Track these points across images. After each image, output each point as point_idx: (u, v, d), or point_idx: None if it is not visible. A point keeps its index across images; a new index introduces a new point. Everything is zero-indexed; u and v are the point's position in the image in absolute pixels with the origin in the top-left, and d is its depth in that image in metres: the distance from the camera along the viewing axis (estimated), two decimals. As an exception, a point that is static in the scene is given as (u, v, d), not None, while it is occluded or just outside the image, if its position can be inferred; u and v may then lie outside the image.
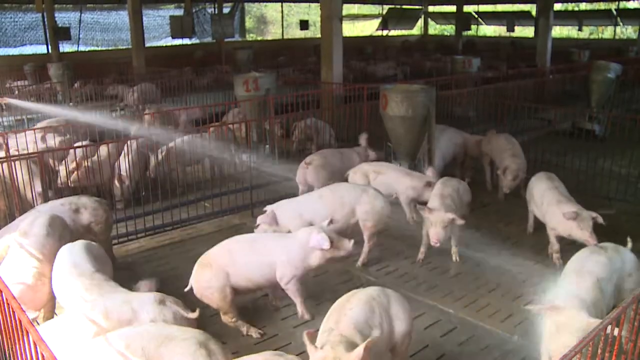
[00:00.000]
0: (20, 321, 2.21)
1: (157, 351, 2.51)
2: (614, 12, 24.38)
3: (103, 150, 6.27)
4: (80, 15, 20.38)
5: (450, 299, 4.20)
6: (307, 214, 4.50)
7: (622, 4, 24.53)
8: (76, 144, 6.38)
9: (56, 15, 18.64)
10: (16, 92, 11.88)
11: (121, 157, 6.17)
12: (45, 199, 5.04)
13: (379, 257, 4.96)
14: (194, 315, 3.01)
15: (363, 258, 4.77)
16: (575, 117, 9.37)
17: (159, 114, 8.47)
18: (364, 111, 7.36)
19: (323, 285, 4.43)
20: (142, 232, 5.43)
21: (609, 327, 2.32)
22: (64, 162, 6.00)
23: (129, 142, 5.99)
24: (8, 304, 2.34)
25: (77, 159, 5.94)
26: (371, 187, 4.85)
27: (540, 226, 5.58)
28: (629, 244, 3.59)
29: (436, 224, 4.31)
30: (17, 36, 19.95)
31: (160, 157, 6.42)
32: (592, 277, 3.17)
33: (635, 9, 24.13)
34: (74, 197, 4.61)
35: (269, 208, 4.66)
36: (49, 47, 18.53)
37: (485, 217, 5.82)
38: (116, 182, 6.04)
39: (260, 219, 4.59)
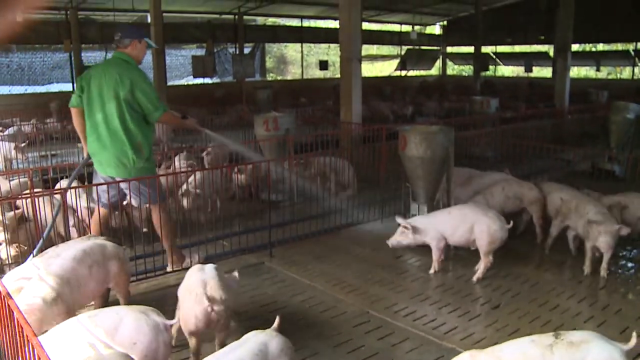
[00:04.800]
0: (22, 331, 2.22)
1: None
2: (632, 53, 24.42)
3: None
4: (105, 55, 20.95)
5: (469, 342, 4.15)
6: (439, 226, 5.35)
7: (640, 45, 24.56)
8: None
9: (82, 54, 19.21)
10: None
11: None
12: (67, 237, 5.13)
13: (396, 298, 4.93)
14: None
15: (479, 274, 5.26)
16: (595, 158, 9.33)
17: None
18: (383, 151, 7.41)
19: (340, 328, 4.41)
20: (160, 269, 5.46)
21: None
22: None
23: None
24: (11, 313, 2.36)
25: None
26: (492, 211, 5.32)
27: (561, 265, 5.53)
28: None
29: None
30: (44, 74, 20.63)
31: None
32: None
33: (653, 50, 24.20)
34: (83, 238, 4.51)
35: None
36: (75, 85, 19.08)
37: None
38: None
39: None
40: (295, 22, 25.95)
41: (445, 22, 30.20)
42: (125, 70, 4.94)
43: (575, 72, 26.05)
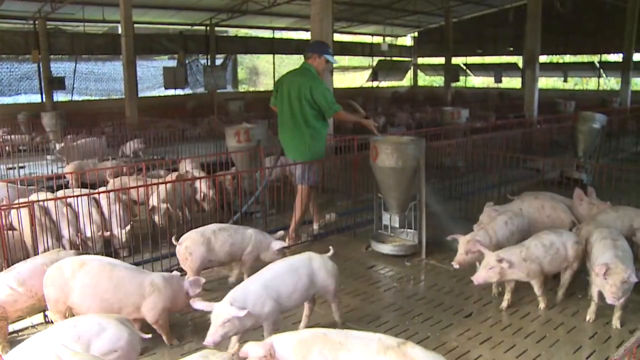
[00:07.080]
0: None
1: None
2: (597, 65, 25.05)
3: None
4: (75, 66, 20.69)
5: (442, 351, 4.15)
6: (273, 292, 4.04)
7: (604, 57, 25.24)
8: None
9: (51, 65, 18.92)
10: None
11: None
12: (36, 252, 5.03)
13: (369, 309, 4.93)
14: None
15: (340, 316, 4.58)
16: (563, 167, 9.50)
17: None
18: (355, 162, 7.43)
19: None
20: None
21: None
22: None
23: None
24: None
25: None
26: (310, 254, 4.43)
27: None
28: None
29: None
30: (12, 85, 20.31)
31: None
32: None
33: (616, 62, 24.88)
34: (52, 252, 4.54)
35: None
36: (44, 96, 18.72)
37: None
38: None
39: None
40: (266, 34, 26.01)
41: (416, 34, 30.62)
42: (307, 78, 6.37)
43: (544, 82, 26.57)
